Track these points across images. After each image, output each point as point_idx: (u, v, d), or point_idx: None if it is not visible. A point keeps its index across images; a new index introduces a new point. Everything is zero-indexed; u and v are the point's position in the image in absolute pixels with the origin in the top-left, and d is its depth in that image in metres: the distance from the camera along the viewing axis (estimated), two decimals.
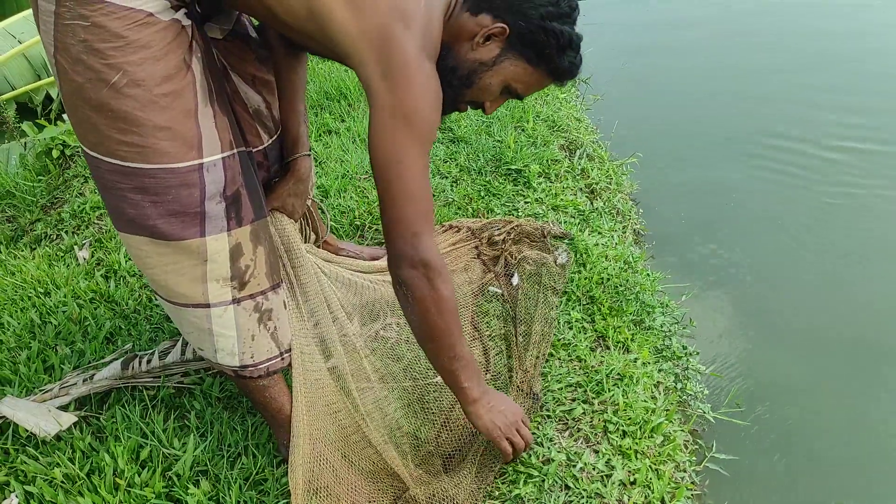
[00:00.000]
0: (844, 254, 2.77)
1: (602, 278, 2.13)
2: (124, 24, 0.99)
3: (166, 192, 1.11)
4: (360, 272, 1.78)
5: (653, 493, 1.51)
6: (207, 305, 1.23)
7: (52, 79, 4.58)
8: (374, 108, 1.11)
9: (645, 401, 1.72)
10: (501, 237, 2.18)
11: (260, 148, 1.42)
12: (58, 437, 1.58)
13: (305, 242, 1.63)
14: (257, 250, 1.26)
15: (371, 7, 1.07)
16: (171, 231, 1.14)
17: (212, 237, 1.17)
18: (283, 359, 1.39)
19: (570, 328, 1.94)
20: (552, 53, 1.22)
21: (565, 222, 2.43)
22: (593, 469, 1.55)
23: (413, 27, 1.10)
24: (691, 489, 1.60)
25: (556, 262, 2.14)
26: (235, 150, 1.19)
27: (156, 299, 2.06)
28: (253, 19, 1.40)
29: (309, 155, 1.56)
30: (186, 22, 1.08)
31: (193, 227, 1.15)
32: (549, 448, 1.58)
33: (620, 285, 2.12)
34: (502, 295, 2.03)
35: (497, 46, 1.22)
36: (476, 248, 2.16)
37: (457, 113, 1.35)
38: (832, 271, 2.68)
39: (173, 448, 1.55)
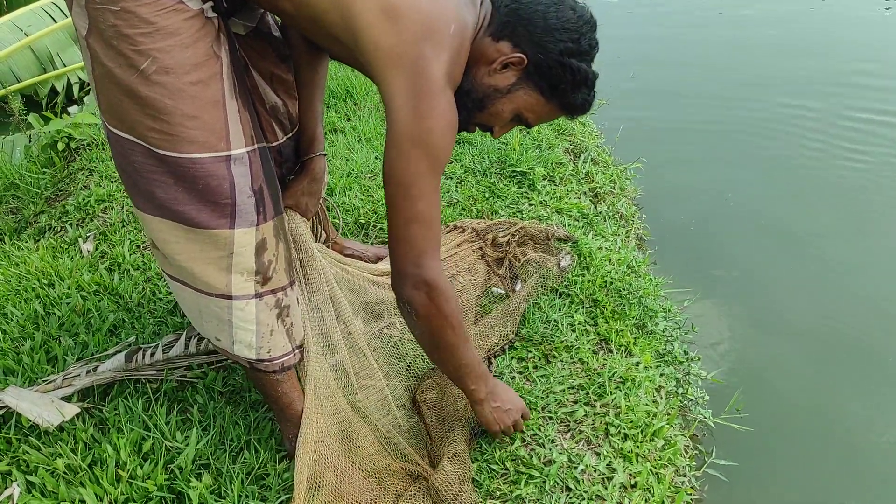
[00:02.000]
0: (850, 261, 2.77)
1: (605, 282, 2.14)
2: (153, 10, 1.00)
3: (196, 180, 1.11)
4: (367, 274, 1.78)
5: (653, 496, 1.51)
6: (230, 297, 1.23)
7: (58, 72, 4.59)
8: (394, 130, 1.10)
9: (646, 405, 1.72)
10: (506, 239, 2.18)
11: (275, 144, 1.43)
12: (60, 428, 1.59)
13: (316, 241, 1.64)
14: (279, 246, 1.27)
15: (406, 25, 1.07)
16: (200, 219, 1.14)
17: (241, 230, 1.18)
18: (295, 355, 1.40)
19: (573, 331, 1.94)
20: (566, 89, 1.23)
21: (569, 225, 2.43)
22: (594, 471, 1.55)
23: (443, 53, 1.10)
24: (691, 493, 1.60)
25: (559, 265, 2.14)
26: (257, 146, 1.19)
27: (169, 289, 2.06)
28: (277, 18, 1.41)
29: (324, 155, 1.57)
30: (212, 14, 1.09)
31: (224, 218, 1.15)
32: (550, 449, 1.58)
33: (623, 289, 2.12)
34: (506, 296, 2.03)
35: (513, 75, 1.23)
36: (480, 249, 2.16)
37: None
38: (836, 278, 2.68)
39: (175, 441, 1.55)
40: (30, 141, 3.63)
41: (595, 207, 2.66)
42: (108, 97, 1.07)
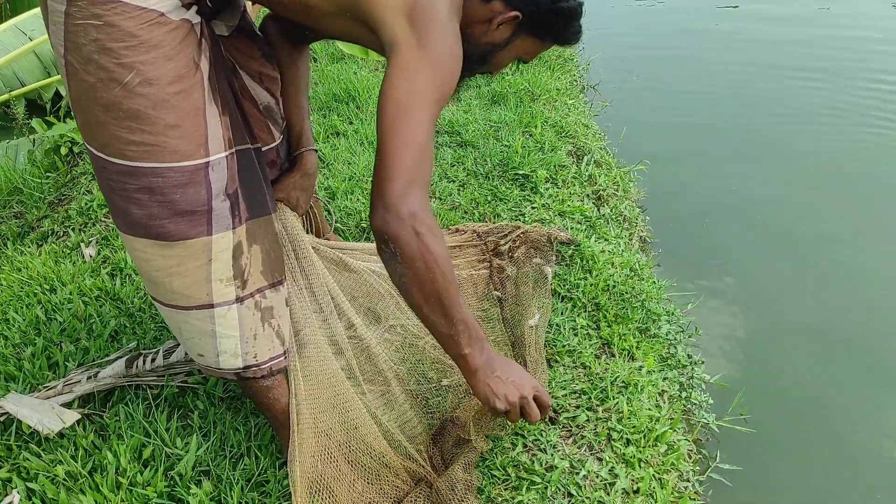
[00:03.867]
0: (855, 264, 2.75)
1: (608, 285, 2.12)
2: (137, 23, 1.00)
3: (174, 191, 1.10)
4: (364, 253, 1.78)
5: (656, 502, 1.50)
6: (211, 306, 1.22)
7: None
8: (397, 53, 1.08)
9: (649, 409, 1.71)
10: (507, 246, 2.16)
11: (272, 145, 1.42)
12: (61, 435, 1.58)
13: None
14: (252, 248, 1.26)
15: None
16: (177, 230, 1.13)
17: (218, 235, 1.17)
18: (287, 357, 1.38)
19: (576, 335, 1.93)
20: (560, 28, 1.31)
21: (572, 228, 2.42)
22: (597, 477, 1.54)
23: None
24: (695, 499, 1.58)
25: (541, 270, 2.12)
26: (234, 149, 1.19)
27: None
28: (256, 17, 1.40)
29: (315, 150, 1.57)
30: (196, 20, 1.09)
31: (201, 226, 1.15)
32: (552, 455, 1.57)
33: (626, 292, 2.11)
34: (503, 300, 2.02)
35: (509, 29, 1.29)
36: (482, 251, 2.15)
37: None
38: (841, 281, 2.67)
39: (176, 447, 1.55)
40: (33, 145, 3.63)
41: (598, 210, 2.65)
42: (84, 114, 1.06)
